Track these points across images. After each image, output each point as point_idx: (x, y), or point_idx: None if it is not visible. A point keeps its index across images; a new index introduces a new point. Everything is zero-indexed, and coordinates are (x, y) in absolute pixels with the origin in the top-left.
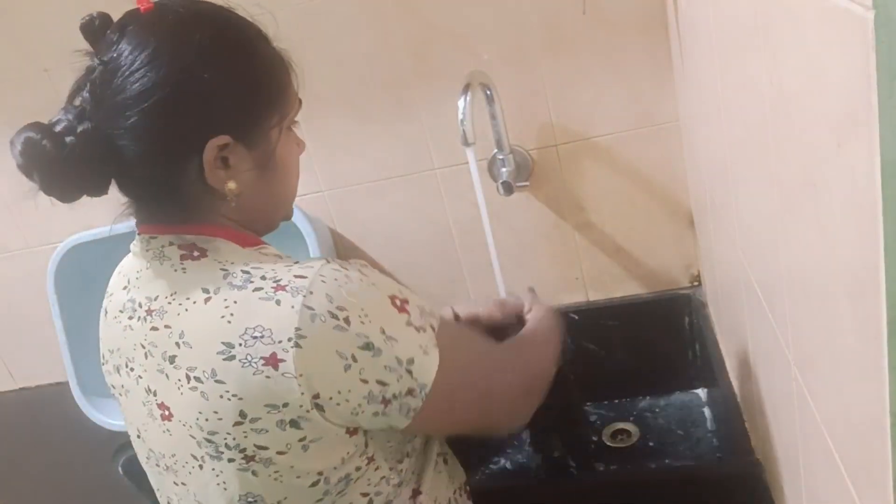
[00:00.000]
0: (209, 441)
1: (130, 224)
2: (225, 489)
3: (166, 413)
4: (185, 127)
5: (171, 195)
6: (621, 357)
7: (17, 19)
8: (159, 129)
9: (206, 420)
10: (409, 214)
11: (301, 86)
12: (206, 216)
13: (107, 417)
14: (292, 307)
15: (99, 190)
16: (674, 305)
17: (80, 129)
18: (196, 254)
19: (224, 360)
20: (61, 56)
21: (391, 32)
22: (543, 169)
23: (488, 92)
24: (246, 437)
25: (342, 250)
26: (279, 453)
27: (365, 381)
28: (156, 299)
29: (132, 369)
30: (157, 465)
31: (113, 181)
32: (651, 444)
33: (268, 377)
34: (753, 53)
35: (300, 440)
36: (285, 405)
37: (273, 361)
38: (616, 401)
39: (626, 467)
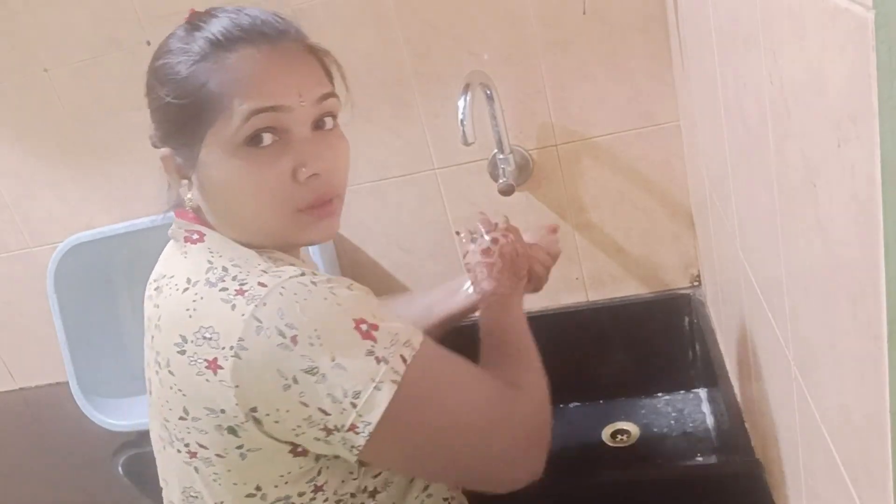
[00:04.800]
0: (165, 427)
1: (131, 224)
2: (176, 477)
3: (150, 388)
4: (155, 133)
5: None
6: (621, 357)
7: (17, 19)
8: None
9: (162, 406)
10: (409, 214)
11: None
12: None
13: (107, 417)
14: (242, 315)
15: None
16: (674, 305)
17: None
18: (196, 237)
19: (177, 352)
20: (61, 56)
21: (391, 32)
22: (543, 169)
23: (488, 92)
24: (189, 433)
25: (342, 250)
26: (218, 456)
27: (305, 405)
28: (163, 277)
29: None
30: (151, 438)
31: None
32: (651, 444)
33: (207, 380)
34: (754, 53)
35: (237, 447)
36: (222, 411)
37: (214, 366)
38: (616, 401)
39: (626, 467)
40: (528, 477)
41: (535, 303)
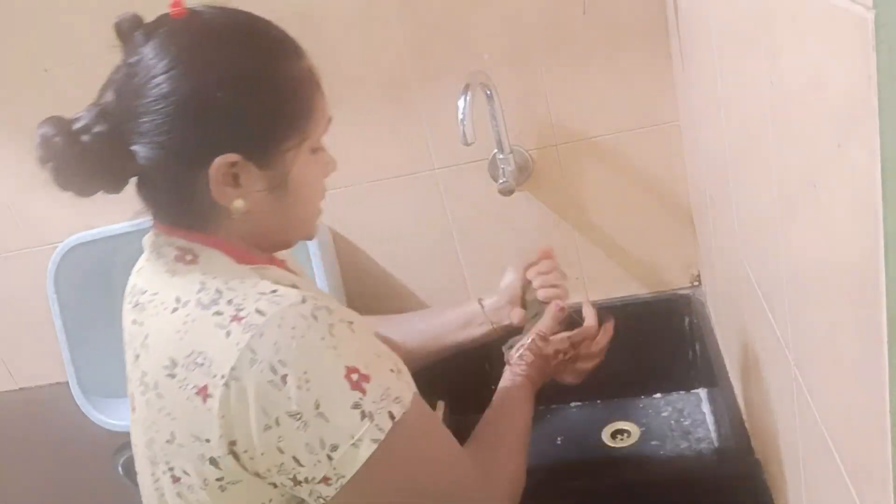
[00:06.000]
0: (149, 447)
1: (131, 224)
2: (158, 496)
3: (133, 405)
4: (195, 140)
5: (181, 203)
6: (621, 357)
7: (17, 19)
8: (169, 139)
9: (148, 427)
10: (409, 214)
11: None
12: (213, 227)
13: (107, 417)
14: (237, 344)
15: (114, 187)
16: (674, 305)
17: (95, 129)
18: (189, 258)
19: (167, 375)
20: (61, 56)
21: (391, 32)
22: (543, 169)
23: (488, 92)
24: (175, 458)
25: (342, 250)
26: (200, 486)
27: (280, 451)
28: (144, 293)
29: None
30: (134, 453)
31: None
32: (651, 444)
33: (196, 408)
34: (754, 53)
35: (218, 479)
36: (207, 440)
37: (203, 393)
38: (616, 401)
39: (626, 467)
40: None
41: None
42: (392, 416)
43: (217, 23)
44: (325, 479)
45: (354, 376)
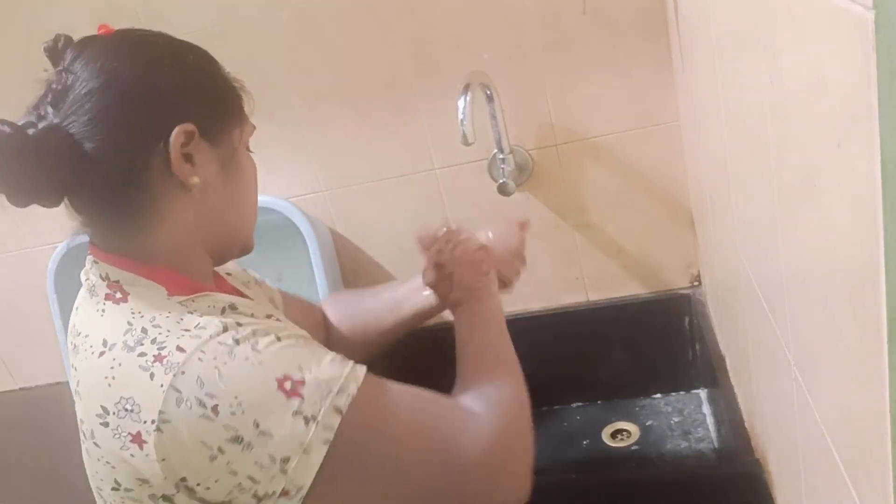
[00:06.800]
0: (99, 495)
1: None
2: None
3: (82, 447)
4: (149, 115)
5: (125, 209)
6: (621, 357)
7: (17, 19)
8: (120, 119)
9: (94, 475)
10: (409, 214)
11: (303, 86)
12: (155, 242)
13: None
14: (161, 386)
15: (52, 195)
16: (674, 305)
17: (41, 124)
18: (119, 296)
19: (100, 424)
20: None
21: (391, 32)
22: (543, 169)
23: (488, 92)
24: (123, 502)
25: (342, 250)
26: None
27: (234, 473)
28: (78, 335)
29: None
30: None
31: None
32: (651, 443)
33: (132, 455)
34: (753, 53)
35: None
36: (153, 482)
37: (138, 441)
38: (616, 401)
39: (626, 467)
40: (513, 500)
41: (535, 303)
42: (339, 410)
43: (147, 34)
44: (285, 493)
45: (288, 384)
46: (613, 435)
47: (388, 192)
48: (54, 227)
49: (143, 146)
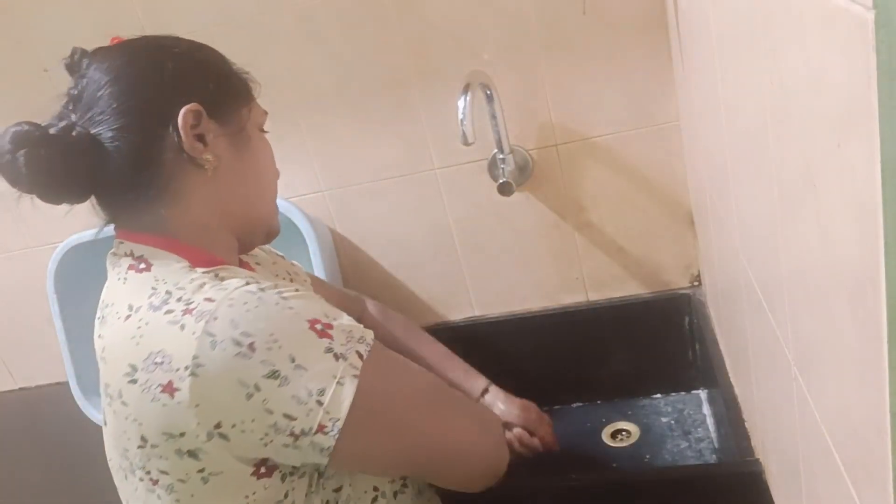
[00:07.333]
0: (125, 457)
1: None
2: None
3: (105, 419)
4: (157, 100)
5: (144, 193)
6: (621, 357)
7: (17, 19)
8: (130, 108)
9: (119, 437)
10: (409, 214)
11: (303, 86)
12: (175, 220)
13: None
14: (193, 333)
15: (78, 190)
16: (674, 305)
17: (61, 123)
18: (142, 266)
19: (128, 382)
20: (61, 56)
21: (391, 32)
22: (543, 169)
23: (488, 92)
24: (149, 460)
25: (342, 250)
26: (180, 481)
27: (270, 412)
28: (106, 307)
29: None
30: (110, 468)
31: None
32: (651, 443)
33: (164, 405)
34: (754, 53)
35: (199, 471)
36: (182, 434)
37: (169, 389)
38: (616, 401)
39: (626, 467)
40: (495, 455)
41: (535, 303)
42: (360, 356)
43: (154, 36)
44: (321, 428)
45: (318, 326)
46: (613, 435)
47: (388, 192)
48: (54, 227)
49: (155, 130)
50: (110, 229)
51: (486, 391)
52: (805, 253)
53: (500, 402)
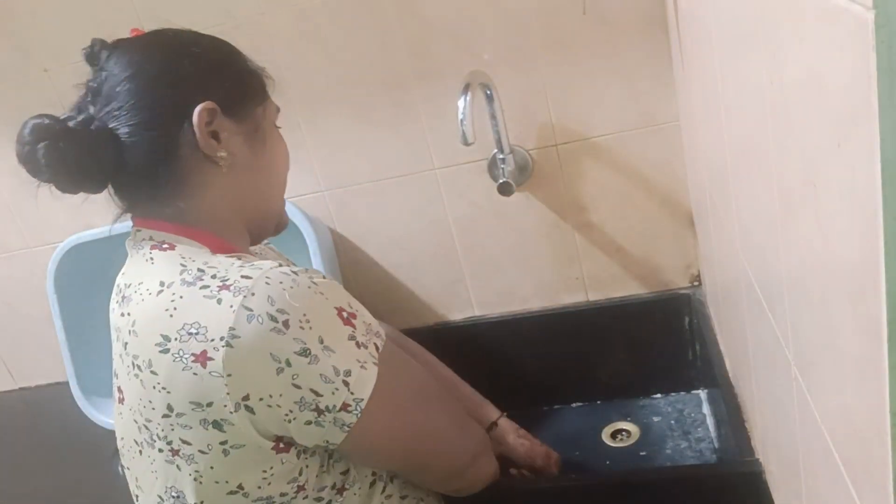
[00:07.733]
0: (146, 428)
1: (131, 224)
2: (156, 478)
3: (121, 396)
4: (174, 97)
5: (161, 181)
6: (621, 357)
7: (17, 19)
8: (148, 103)
9: (144, 407)
10: (409, 214)
11: (303, 86)
12: (192, 212)
13: (107, 417)
14: (231, 306)
15: (96, 181)
16: (674, 305)
17: (80, 117)
18: (165, 245)
19: (160, 352)
20: (61, 56)
21: (391, 32)
22: (543, 169)
23: (488, 92)
24: (173, 429)
25: (342, 250)
26: (201, 452)
27: (298, 387)
28: (128, 287)
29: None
30: (121, 448)
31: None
32: (651, 443)
33: (195, 374)
34: (754, 53)
35: (221, 443)
36: (209, 404)
37: (202, 359)
38: (616, 401)
39: (626, 467)
40: (460, 482)
41: (535, 303)
42: (377, 347)
43: (172, 29)
44: (345, 406)
45: (344, 314)
46: (613, 435)
47: (388, 192)
48: (54, 227)
49: (172, 126)
50: (118, 227)
51: (495, 424)
52: (805, 253)
53: (509, 436)
